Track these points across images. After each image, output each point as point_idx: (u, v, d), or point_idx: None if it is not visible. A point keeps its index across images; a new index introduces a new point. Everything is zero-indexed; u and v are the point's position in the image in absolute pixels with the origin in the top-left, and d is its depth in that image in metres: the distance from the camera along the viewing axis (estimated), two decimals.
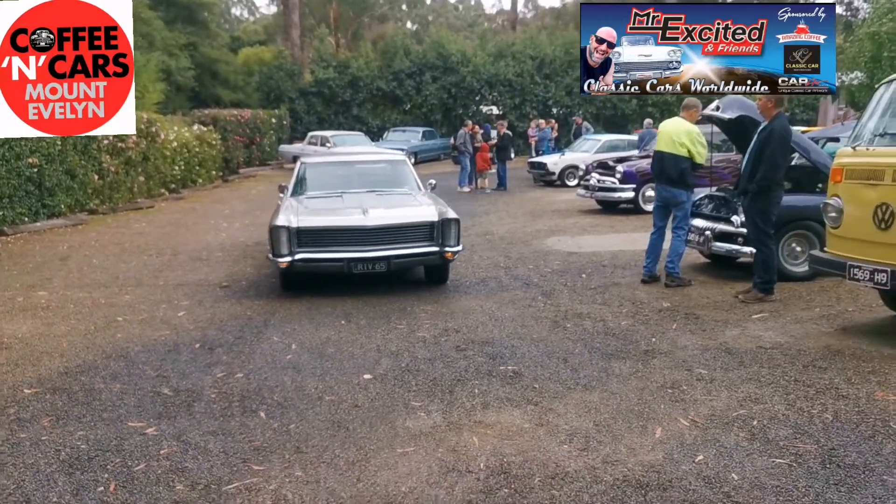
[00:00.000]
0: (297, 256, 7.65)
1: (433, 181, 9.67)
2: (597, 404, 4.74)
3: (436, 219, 7.88)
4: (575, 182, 19.73)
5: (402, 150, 19.77)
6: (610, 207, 15.33)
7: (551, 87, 34.49)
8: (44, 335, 6.71)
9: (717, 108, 8.49)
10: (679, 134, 7.89)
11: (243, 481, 3.82)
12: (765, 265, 7.18)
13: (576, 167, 20.41)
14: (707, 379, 5.14)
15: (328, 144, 25.66)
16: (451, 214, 8.03)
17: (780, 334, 6.14)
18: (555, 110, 34.18)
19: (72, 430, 4.53)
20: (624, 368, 5.43)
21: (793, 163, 8.49)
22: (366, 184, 9.22)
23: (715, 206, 8.76)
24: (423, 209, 8.18)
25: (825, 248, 6.36)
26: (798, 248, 7.99)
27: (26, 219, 13.54)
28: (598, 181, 15.38)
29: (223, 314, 7.37)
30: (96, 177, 16.17)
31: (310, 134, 28.78)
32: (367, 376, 5.38)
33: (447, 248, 7.86)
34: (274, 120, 31.54)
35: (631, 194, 14.94)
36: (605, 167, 15.70)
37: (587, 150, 21.23)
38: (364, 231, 7.72)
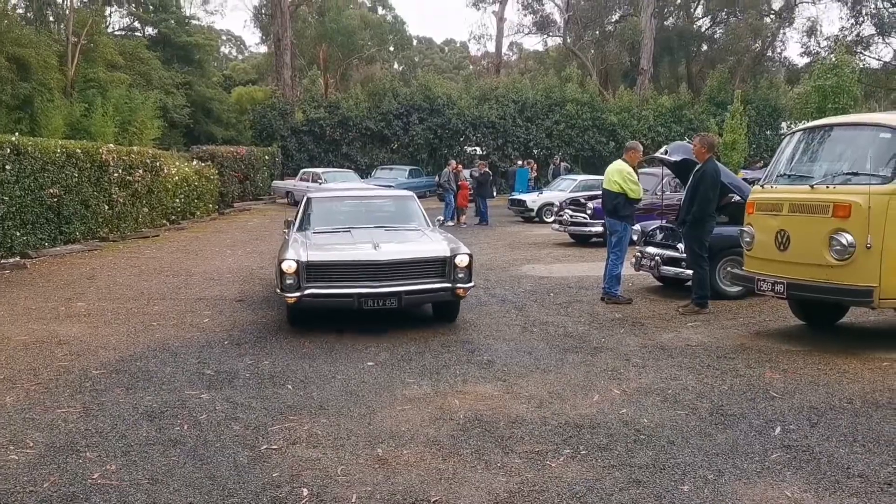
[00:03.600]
0: (306, 291, 7.55)
1: (441, 218, 9.98)
2: (551, 381, 6.08)
3: (448, 254, 7.81)
4: (552, 218, 21.23)
5: (390, 187, 21.26)
6: (582, 240, 16.76)
7: (532, 129, 36.27)
8: (93, 335, 7.98)
9: (665, 152, 10.00)
10: (613, 173, 9.39)
11: (283, 425, 5.12)
12: (700, 283, 8.62)
13: (553, 204, 21.92)
14: (640, 366, 6.51)
15: (319, 181, 27.07)
16: (463, 250, 7.95)
17: (706, 337, 7.54)
18: (535, 151, 35.93)
19: (142, 396, 5.82)
20: (576, 359, 6.79)
21: (732, 200, 9.95)
22: (374, 219, 9.18)
23: (664, 236, 10.22)
24: (435, 244, 8.12)
25: (742, 268, 7.79)
26: (732, 271, 9.41)
27: (46, 244, 14.78)
28: (571, 216, 16.87)
29: (242, 320, 8.66)
30: (107, 207, 17.47)
31: (302, 171, 30.28)
32: (369, 363, 6.68)
33: (459, 285, 7.81)
34: (267, 157, 33.01)
35: (600, 228, 16.25)
36: (577, 204, 17.18)
37: (564, 188, 22.76)
38: (375, 266, 7.63)
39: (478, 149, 36.24)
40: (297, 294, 7.56)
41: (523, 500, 3.90)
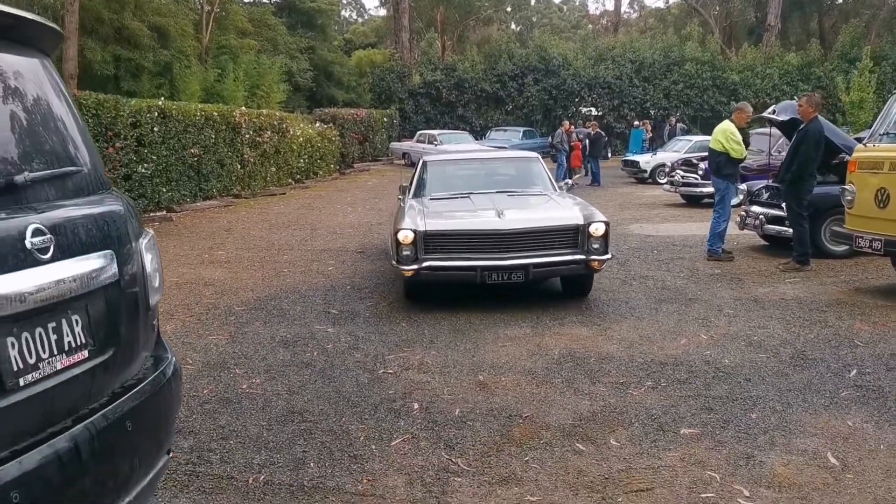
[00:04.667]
0: (424, 264, 6.96)
1: (569, 181, 9.32)
2: (643, 326, 6.54)
3: (581, 222, 7.07)
4: (664, 179, 21.17)
5: (504, 148, 21.76)
6: (693, 201, 16.76)
7: (649, 90, 35.71)
8: (233, 278, 8.99)
9: (773, 112, 10.06)
10: (718, 133, 9.57)
11: (397, 354, 5.84)
12: (800, 240, 8.76)
13: (666, 165, 21.82)
14: (731, 315, 6.86)
15: (435, 142, 27.87)
16: (599, 217, 7.20)
17: (803, 291, 7.75)
18: (652, 112, 35.40)
19: (277, 328, 6.69)
20: (670, 308, 7.20)
21: (845, 160, 9.90)
22: (495, 184, 8.55)
23: (770, 196, 10.31)
24: (566, 211, 7.39)
25: (844, 225, 7.91)
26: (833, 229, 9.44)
27: (188, 199, 16.20)
28: (682, 177, 16.90)
29: (363, 269, 9.49)
30: (239, 166, 18.81)
31: (418, 132, 31.19)
32: (478, 312, 7.33)
33: (594, 257, 7.03)
34: (385, 119, 34.07)
35: (712, 189, 16.33)
36: (689, 164, 17.17)
37: (678, 149, 22.57)
38: (500, 235, 6.97)
39: (593, 109, 36.07)
40: (415, 266, 6.96)
41: (604, 419, 4.45)
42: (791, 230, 9.09)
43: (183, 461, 3.93)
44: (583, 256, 7.02)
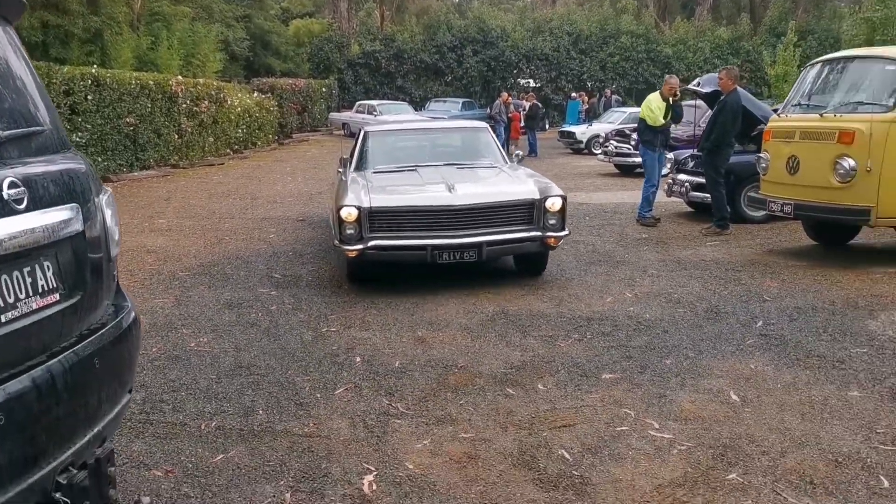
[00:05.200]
0: (370, 244, 6.46)
1: (519, 152, 8.83)
2: (573, 286, 6.94)
3: (537, 196, 6.73)
4: (599, 150, 21.72)
5: (443, 119, 21.96)
6: (626, 171, 17.31)
7: (586, 62, 36.29)
8: (175, 246, 9.09)
9: (698, 84, 10.55)
10: (644, 102, 10.07)
11: (340, 314, 6.11)
12: (718, 206, 9.29)
13: (601, 136, 22.37)
14: (655, 276, 7.31)
15: (375, 113, 27.90)
16: (555, 191, 6.88)
17: (721, 254, 8.26)
18: (589, 84, 36.01)
19: (222, 292, 6.88)
20: (599, 270, 7.62)
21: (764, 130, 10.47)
22: (442, 156, 8.13)
23: (695, 164, 10.81)
24: (521, 185, 7.02)
25: (759, 191, 8.43)
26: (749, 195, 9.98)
27: (124, 169, 16.04)
28: (616, 147, 17.42)
29: (304, 237, 9.68)
30: (176, 136, 18.64)
31: (357, 103, 31.12)
32: (418, 274, 7.62)
33: (550, 233, 6.73)
34: (324, 89, 33.89)
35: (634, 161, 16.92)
36: (622, 135, 17.70)
37: (613, 120, 23.14)
38: (452, 212, 6.54)
39: (531, 81, 36.49)
40: (359, 246, 6.46)
41: (533, 367, 4.81)
42: (709, 196, 9.61)
43: (136, 411, 4.14)
44: (539, 233, 6.69)
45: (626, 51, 35.99)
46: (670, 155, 11.16)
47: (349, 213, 6.48)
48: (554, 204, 6.77)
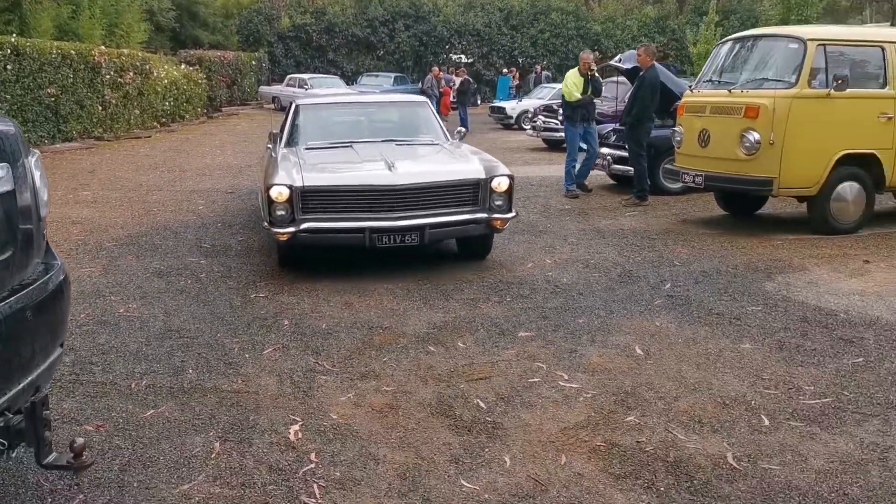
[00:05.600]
0: (302, 226, 6.00)
1: (462, 129, 8.46)
2: (496, 254, 7.20)
3: (482, 176, 6.35)
4: (529, 125, 22.11)
5: (375, 93, 21.99)
6: (554, 145, 17.68)
7: (517, 38, 36.62)
8: (101, 217, 9.03)
9: (619, 61, 10.92)
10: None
11: (269, 281, 6.25)
12: (639, 178, 9.70)
13: (530, 111, 22.75)
14: (574, 243, 7.65)
15: (306, 86, 27.70)
16: (502, 170, 6.52)
17: (639, 223, 8.66)
18: (520, 60, 36.36)
19: (151, 261, 6.93)
20: (522, 239, 7.92)
21: None
22: (380, 131, 7.67)
23: (616, 138, 11.22)
24: (465, 163, 6.63)
25: (674, 164, 8.85)
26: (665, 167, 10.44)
27: (46, 141, 15.66)
28: (544, 122, 17.79)
29: (234, 208, 9.72)
30: (100, 107, 18.23)
31: (288, 76, 30.82)
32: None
33: (496, 215, 6.36)
34: (254, 62, 33.38)
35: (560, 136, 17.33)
36: (549, 110, 18.06)
37: (543, 96, 23.53)
38: (392, 192, 6.09)
39: (462, 56, 36.63)
40: (291, 229, 6.00)
41: (454, 327, 5.07)
42: (632, 169, 10.02)
43: (66, 372, 4.24)
44: (485, 215, 6.32)
45: (556, 27, 36.44)
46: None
47: (280, 193, 5.99)
48: (500, 184, 6.39)
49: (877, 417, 3.71)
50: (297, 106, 8.00)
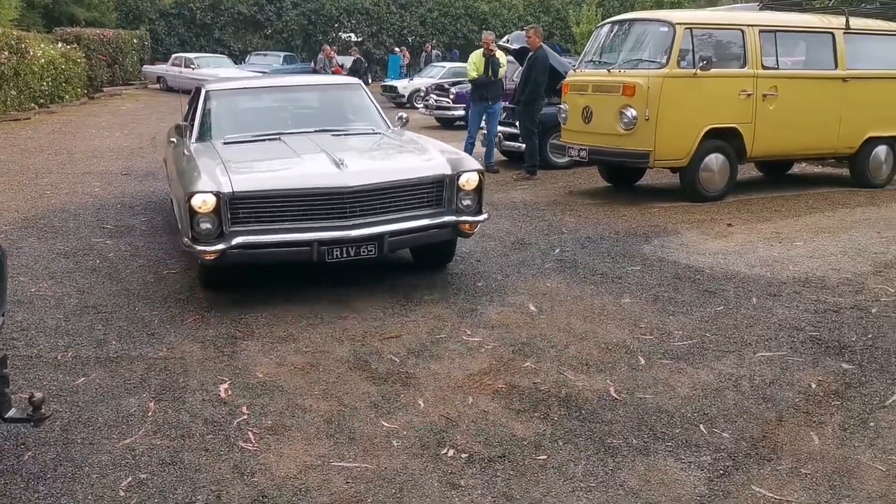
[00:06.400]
0: (234, 241, 4.87)
1: (404, 114, 6.99)
2: None
3: (448, 171, 5.40)
4: (421, 104, 22.51)
5: (264, 73, 21.84)
6: (446, 124, 18.19)
7: (406, 17, 36.85)
8: None
9: (508, 41, 11.44)
10: None
11: (179, 259, 6.41)
12: (531, 154, 10.29)
13: (422, 90, 23.14)
14: None
15: (192, 66, 27.11)
16: (470, 164, 5.59)
17: (529, 196, 9.23)
18: (410, 39, 36.63)
19: (54, 243, 6.94)
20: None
21: None
22: (309, 120, 6.60)
23: (507, 116, 11.76)
24: (425, 158, 5.61)
25: (560, 139, 9.47)
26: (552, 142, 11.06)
27: None
28: (436, 101, 18.22)
29: (131, 190, 9.69)
30: None
31: (173, 55, 29.97)
32: None
33: (465, 217, 5.45)
34: (136, 40, 32.24)
35: (462, 112, 17.83)
36: (441, 89, 18.51)
37: (434, 75, 23.96)
38: (345, 195, 5.03)
39: (352, 35, 36.57)
40: (220, 246, 4.85)
41: (365, 295, 5.44)
42: (524, 145, 10.59)
43: None
44: (451, 217, 5.41)
45: (444, 7, 36.88)
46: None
47: (204, 202, 4.83)
48: (469, 181, 5.47)
49: (733, 353, 4.34)
50: (206, 92, 6.71)
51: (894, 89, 9.28)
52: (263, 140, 6.09)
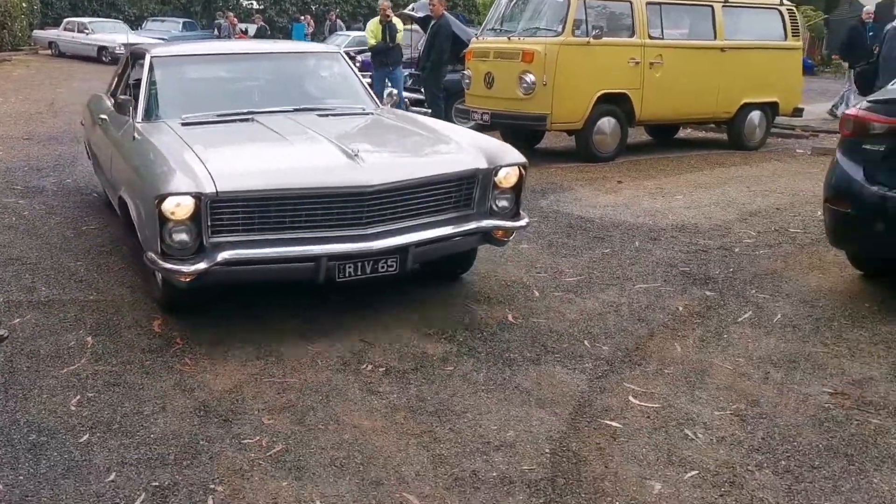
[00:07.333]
0: (219, 257, 3.77)
1: (393, 90, 6.20)
2: None
3: (483, 165, 4.36)
4: None
5: (164, 40, 21.40)
6: None
7: None
8: None
9: (412, 9, 11.81)
10: None
11: (96, 217, 6.58)
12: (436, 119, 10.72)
13: None
14: None
15: (86, 31, 26.25)
16: (512, 155, 4.55)
17: None
18: (313, 7, 36.31)
19: None
20: None
21: None
22: (285, 97, 5.39)
23: (412, 82, 12.15)
24: (454, 148, 4.56)
25: (464, 103, 9.95)
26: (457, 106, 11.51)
27: None
28: None
29: (36, 153, 9.62)
30: None
31: (65, 20, 28.85)
32: None
33: (499, 223, 4.46)
34: (25, 4, 30.81)
35: (370, 80, 18.06)
36: (347, 57, 18.67)
37: (339, 44, 23.98)
38: (364, 196, 3.96)
39: (254, 2, 35.98)
40: (201, 265, 3.75)
41: None
42: (430, 111, 11.00)
43: None
44: (485, 222, 4.39)
45: None
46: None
47: (179, 206, 3.70)
48: (508, 176, 4.46)
49: (615, 286, 4.95)
50: (152, 60, 5.34)
51: (767, 59, 10.16)
52: (234, 121, 4.93)
